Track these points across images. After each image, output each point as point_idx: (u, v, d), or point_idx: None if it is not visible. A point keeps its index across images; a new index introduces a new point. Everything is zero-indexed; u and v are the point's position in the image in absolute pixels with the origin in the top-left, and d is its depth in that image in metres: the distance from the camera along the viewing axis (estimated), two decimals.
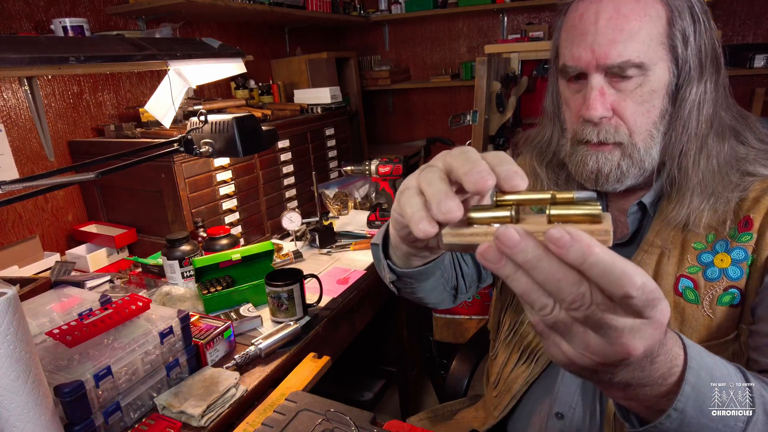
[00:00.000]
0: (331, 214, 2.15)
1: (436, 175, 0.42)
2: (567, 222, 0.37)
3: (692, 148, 0.73)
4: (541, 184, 0.88)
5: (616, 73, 0.71)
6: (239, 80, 2.34)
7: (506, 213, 0.39)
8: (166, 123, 1.21)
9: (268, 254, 1.46)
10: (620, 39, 0.69)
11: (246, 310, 1.31)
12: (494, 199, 0.40)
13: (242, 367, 1.09)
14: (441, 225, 0.41)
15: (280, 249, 1.76)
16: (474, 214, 0.41)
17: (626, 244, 0.82)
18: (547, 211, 0.38)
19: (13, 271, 1.50)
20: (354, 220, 2.06)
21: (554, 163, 0.87)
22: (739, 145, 0.76)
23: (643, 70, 0.70)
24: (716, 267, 0.73)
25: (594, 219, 0.36)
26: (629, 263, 0.33)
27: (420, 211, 0.42)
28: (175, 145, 1.07)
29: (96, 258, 1.64)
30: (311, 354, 1.14)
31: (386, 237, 0.69)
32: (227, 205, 1.76)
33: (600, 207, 0.37)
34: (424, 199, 0.42)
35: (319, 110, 2.29)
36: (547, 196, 0.39)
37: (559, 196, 0.39)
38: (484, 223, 0.40)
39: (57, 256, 1.65)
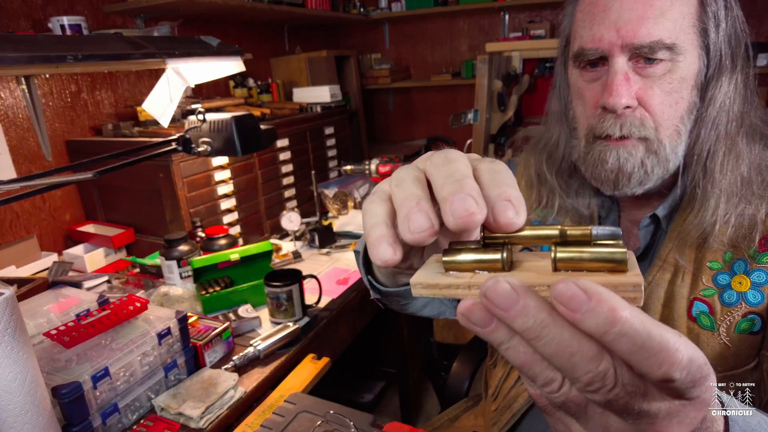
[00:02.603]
0: (330, 214, 2.14)
1: (411, 175, 0.32)
2: (579, 270, 0.28)
3: (721, 149, 0.65)
4: (551, 195, 0.79)
5: (643, 55, 0.63)
6: (238, 79, 2.33)
7: (496, 256, 0.29)
8: (164, 122, 1.20)
9: (267, 254, 1.45)
10: (650, 15, 0.61)
11: (245, 310, 1.31)
12: (481, 233, 0.30)
13: (241, 369, 1.09)
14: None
15: (279, 249, 1.75)
16: (451, 258, 0.30)
17: (638, 260, 0.74)
18: (553, 254, 0.29)
19: (11, 272, 1.49)
20: (354, 220, 2.05)
21: (564, 168, 0.79)
22: (766, 150, 0.68)
23: (674, 54, 0.62)
24: (734, 290, 0.65)
25: (617, 266, 0.27)
26: (668, 331, 0.24)
27: (380, 226, 0.31)
28: (173, 144, 1.07)
29: (94, 258, 1.64)
30: (310, 355, 1.14)
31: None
32: (226, 204, 1.75)
33: (625, 249, 0.28)
34: (391, 207, 0.33)
35: (318, 109, 2.28)
36: (554, 232, 0.30)
37: (572, 231, 0.29)
38: (466, 269, 0.30)
39: (54, 256, 1.64)
